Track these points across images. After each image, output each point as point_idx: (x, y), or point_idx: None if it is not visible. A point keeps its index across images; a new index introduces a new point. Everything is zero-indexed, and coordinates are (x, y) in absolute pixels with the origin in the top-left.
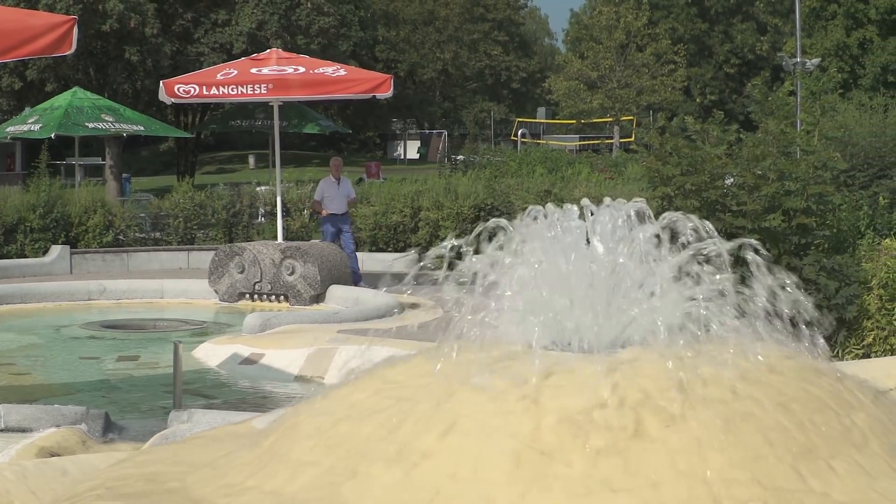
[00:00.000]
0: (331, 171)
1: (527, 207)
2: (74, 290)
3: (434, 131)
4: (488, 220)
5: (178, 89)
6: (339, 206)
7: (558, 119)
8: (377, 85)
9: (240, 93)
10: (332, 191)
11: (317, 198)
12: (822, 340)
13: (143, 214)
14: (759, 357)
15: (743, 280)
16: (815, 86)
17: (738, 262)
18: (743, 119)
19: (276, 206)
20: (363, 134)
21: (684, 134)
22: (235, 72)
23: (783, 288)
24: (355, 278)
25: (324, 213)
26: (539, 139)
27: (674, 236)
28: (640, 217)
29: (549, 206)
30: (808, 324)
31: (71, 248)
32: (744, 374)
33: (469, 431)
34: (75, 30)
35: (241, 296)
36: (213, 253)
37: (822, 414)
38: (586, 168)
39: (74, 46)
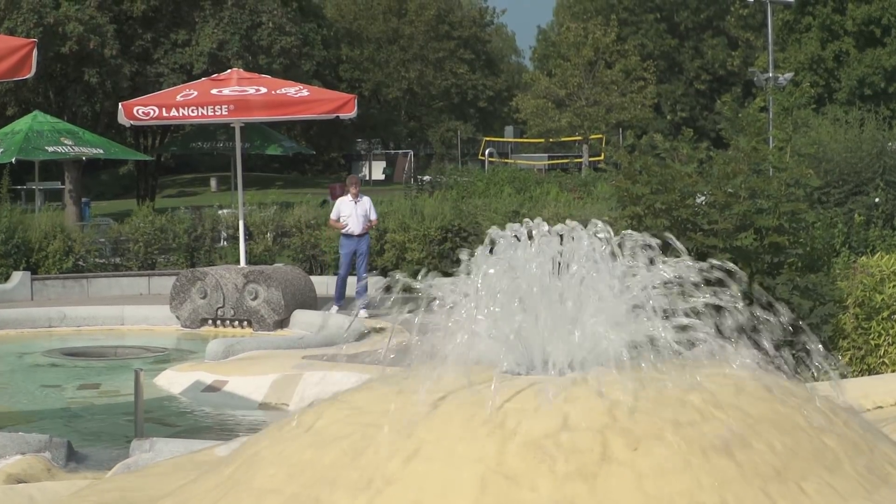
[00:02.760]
0: (348, 189)
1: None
2: (35, 317)
3: (400, 151)
4: (455, 241)
5: (138, 111)
6: (357, 227)
7: (526, 138)
8: (341, 105)
9: (200, 114)
10: (350, 210)
11: (333, 217)
12: (790, 358)
13: (102, 240)
14: (728, 378)
15: (715, 299)
16: (787, 101)
17: (709, 282)
18: (714, 136)
19: (238, 229)
20: (327, 155)
21: (654, 152)
22: (195, 93)
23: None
24: (360, 305)
25: (334, 226)
26: (507, 158)
27: (636, 255)
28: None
29: (512, 226)
30: (788, 343)
31: (31, 274)
32: (713, 395)
33: (433, 457)
34: (34, 53)
35: (204, 322)
36: (174, 278)
37: (793, 435)
38: (555, 188)
39: (34, 70)
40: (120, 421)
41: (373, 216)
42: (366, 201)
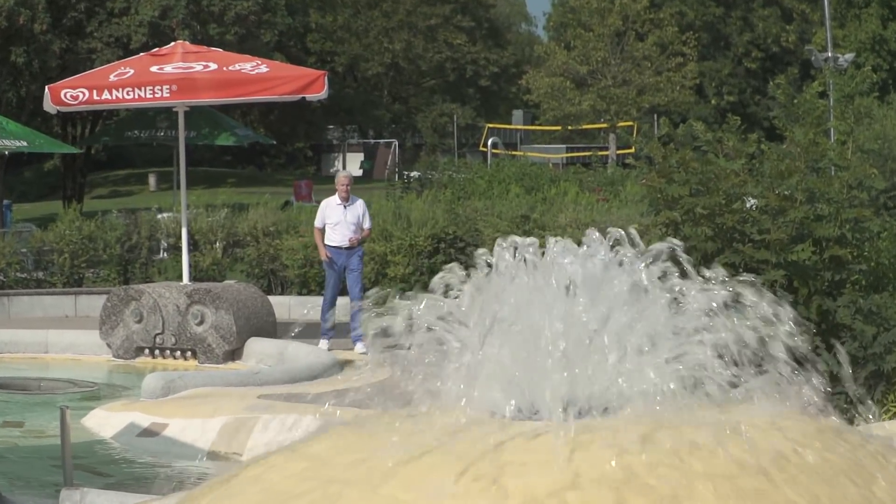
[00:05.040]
0: (337, 189)
1: (498, 238)
2: None
3: (381, 141)
4: (450, 253)
5: (65, 95)
6: (345, 237)
7: (539, 125)
8: (308, 84)
9: (137, 97)
10: (338, 216)
11: (317, 224)
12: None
13: (24, 250)
14: (772, 421)
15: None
16: (848, 86)
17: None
18: (768, 126)
19: (181, 237)
20: (291, 145)
21: (694, 144)
22: (132, 71)
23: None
24: (354, 336)
25: (323, 255)
26: (515, 150)
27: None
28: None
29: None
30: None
31: None
32: (754, 442)
33: None
34: None
35: (140, 351)
36: (105, 297)
37: (841, 489)
38: (574, 187)
39: None
40: (47, 466)
41: (367, 224)
42: (359, 205)
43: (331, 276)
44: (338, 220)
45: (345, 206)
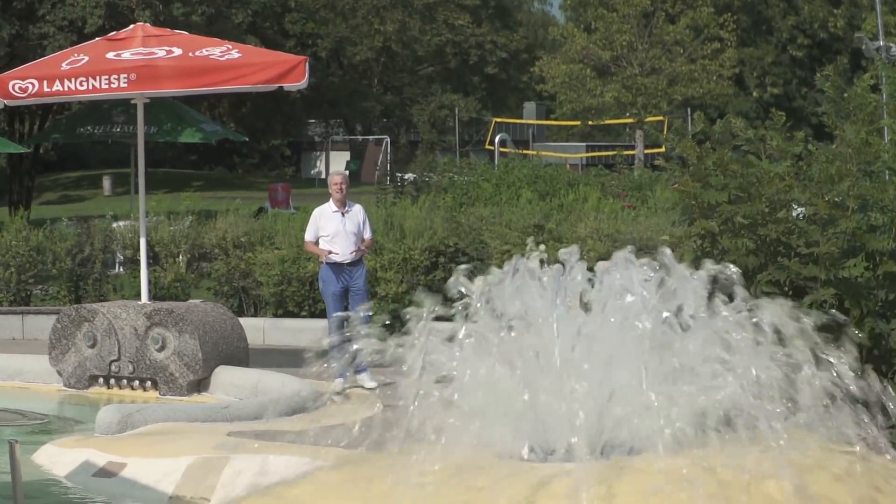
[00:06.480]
0: (330, 192)
1: (507, 251)
2: None
3: (371, 138)
4: (450, 268)
5: (14, 87)
6: (346, 250)
7: (555, 120)
8: (286, 71)
9: (91, 87)
10: (334, 226)
11: (309, 238)
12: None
13: None
14: (814, 458)
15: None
16: None
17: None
18: (817, 123)
19: (139, 249)
20: (266, 143)
21: (733, 143)
22: (86, 58)
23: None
24: (357, 367)
25: (322, 258)
26: (527, 149)
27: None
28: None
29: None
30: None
31: None
32: (800, 485)
33: None
34: None
35: (93, 380)
36: (55, 318)
37: None
38: (596, 192)
39: None
40: None
41: (367, 233)
42: (357, 211)
43: (331, 298)
44: (335, 232)
45: (342, 214)
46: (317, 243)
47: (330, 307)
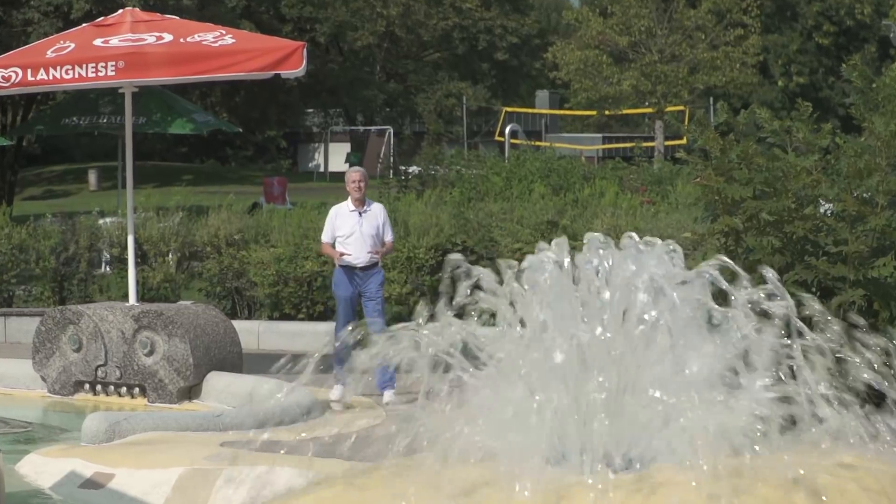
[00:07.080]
0: (348, 190)
1: (518, 249)
2: None
3: (373, 128)
4: (458, 267)
5: None
6: (361, 253)
7: (569, 109)
8: (282, 58)
9: (78, 76)
10: (350, 226)
11: (325, 239)
12: None
13: None
14: (847, 468)
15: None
16: None
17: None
18: (843, 114)
19: (126, 248)
20: (261, 134)
21: (758, 135)
22: (72, 45)
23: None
24: (381, 381)
25: (336, 257)
26: (539, 140)
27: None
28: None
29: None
30: None
31: None
32: (820, 493)
33: None
34: None
35: (79, 386)
36: (38, 320)
37: None
38: (613, 187)
39: None
40: None
41: (388, 236)
42: (377, 211)
43: (342, 302)
44: (351, 232)
45: (360, 214)
46: (333, 244)
47: (340, 312)
